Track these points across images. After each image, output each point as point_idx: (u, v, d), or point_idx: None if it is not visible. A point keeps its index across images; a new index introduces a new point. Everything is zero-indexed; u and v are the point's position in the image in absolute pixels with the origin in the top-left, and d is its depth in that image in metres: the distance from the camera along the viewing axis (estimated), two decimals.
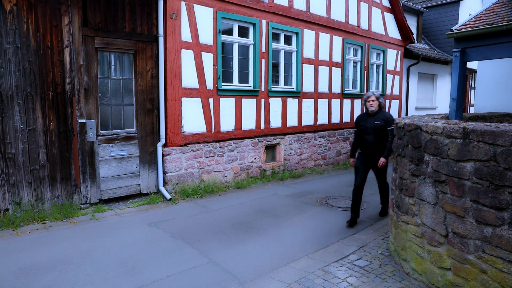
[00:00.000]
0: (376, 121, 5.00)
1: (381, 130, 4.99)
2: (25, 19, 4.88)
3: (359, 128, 5.19)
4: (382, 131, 4.99)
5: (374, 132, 5.00)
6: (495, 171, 2.67)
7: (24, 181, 5.03)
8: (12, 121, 4.88)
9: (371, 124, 5.02)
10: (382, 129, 4.98)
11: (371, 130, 5.01)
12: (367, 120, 5.09)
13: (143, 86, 6.08)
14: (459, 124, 3.02)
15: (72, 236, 4.54)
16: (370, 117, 5.07)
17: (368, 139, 5.06)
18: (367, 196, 6.71)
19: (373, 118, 5.05)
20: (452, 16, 14.60)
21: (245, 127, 7.51)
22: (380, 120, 5.00)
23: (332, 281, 3.48)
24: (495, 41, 5.31)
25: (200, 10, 6.55)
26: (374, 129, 4.99)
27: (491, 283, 2.76)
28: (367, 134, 5.05)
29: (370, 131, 5.02)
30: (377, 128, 4.98)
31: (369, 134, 5.03)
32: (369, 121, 5.07)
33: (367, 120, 5.09)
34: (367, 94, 5.09)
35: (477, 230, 2.83)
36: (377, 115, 5.05)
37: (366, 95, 5.10)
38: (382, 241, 4.51)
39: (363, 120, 5.16)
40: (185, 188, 6.50)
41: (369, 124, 5.05)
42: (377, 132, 4.99)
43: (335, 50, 9.46)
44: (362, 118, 5.20)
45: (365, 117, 5.16)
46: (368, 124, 5.06)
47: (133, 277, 3.54)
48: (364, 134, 5.09)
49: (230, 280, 3.53)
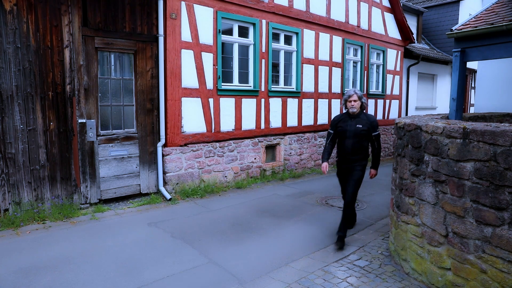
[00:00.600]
0: (358, 124, 4.32)
1: (363, 136, 4.34)
2: (25, 19, 4.88)
3: (336, 130, 4.48)
4: (364, 137, 4.35)
5: (355, 137, 4.34)
6: (495, 171, 2.67)
7: (24, 181, 5.03)
8: (12, 121, 4.88)
9: (352, 128, 4.34)
10: (364, 134, 4.33)
11: (351, 134, 4.35)
12: (347, 122, 4.41)
13: (143, 86, 6.08)
14: (459, 124, 3.02)
15: (72, 236, 4.54)
16: (351, 119, 4.39)
17: (346, 144, 4.38)
18: (367, 196, 6.71)
19: (354, 120, 4.36)
20: (452, 16, 14.60)
21: (245, 127, 7.51)
22: (363, 124, 4.32)
23: (332, 281, 3.48)
24: (495, 41, 5.31)
25: (200, 10, 6.55)
26: (355, 134, 4.33)
27: (491, 283, 2.76)
28: (345, 138, 4.39)
29: (349, 135, 4.36)
30: (358, 133, 4.32)
31: (348, 139, 4.37)
32: (349, 123, 4.38)
33: (347, 122, 4.40)
34: (348, 92, 4.38)
35: (477, 230, 2.83)
36: (360, 117, 4.38)
37: (347, 94, 4.38)
38: (382, 241, 4.51)
39: (342, 121, 4.46)
40: (185, 188, 6.50)
41: (349, 127, 4.36)
42: (358, 137, 4.34)
43: (335, 50, 9.46)
44: (341, 118, 4.50)
45: (344, 118, 4.47)
46: (348, 127, 4.37)
47: (133, 277, 3.54)
48: (342, 138, 4.44)
49: (230, 280, 3.53)
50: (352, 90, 4.34)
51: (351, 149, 4.36)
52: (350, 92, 4.35)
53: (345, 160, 4.45)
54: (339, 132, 4.46)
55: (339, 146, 4.53)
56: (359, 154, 4.38)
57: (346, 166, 4.46)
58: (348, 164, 4.42)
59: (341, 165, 4.54)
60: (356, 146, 4.35)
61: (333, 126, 4.56)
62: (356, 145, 4.35)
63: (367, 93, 10.67)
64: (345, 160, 4.45)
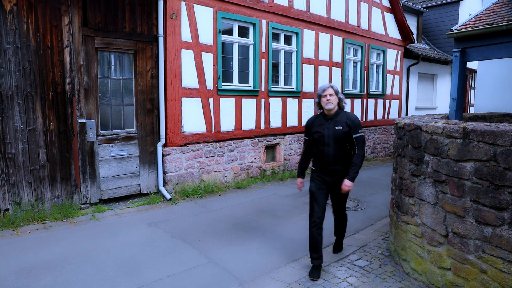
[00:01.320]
0: (337, 126, 3.54)
1: (345, 139, 3.54)
2: (25, 19, 4.88)
3: (312, 136, 3.69)
4: (346, 140, 3.55)
5: (335, 142, 3.54)
6: (495, 171, 2.67)
7: (24, 181, 5.03)
8: (12, 121, 4.88)
9: (331, 131, 3.54)
10: (346, 137, 3.53)
11: (330, 139, 3.54)
12: (323, 124, 3.60)
13: (143, 86, 6.08)
14: (459, 124, 3.02)
15: (72, 236, 4.54)
16: (328, 121, 3.59)
17: (326, 152, 3.56)
18: (367, 196, 6.71)
19: (332, 121, 3.57)
20: (452, 16, 14.60)
21: (245, 127, 7.51)
22: (343, 125, 3.54)
23: (332, 281, 3.48)
24: (495, 41, 5.31)
25: (200, 10, 6.55)
26: (335, 138, 3.53)
27: (491, 283, 2.76)
28: (324, 145, 3.56)
29: (329, 140, 3.54)
30: (339, 136, 3.52)
31: (328, 146, 3.55)
32: (326, 126, 3.57)
33: (324, 125, 3.59)
34: (323, 86, 3.63)
35: (477, 230, 2.83)
36: (338, 117, 3.58)
37: (321, 88, 3.61)
38: (382, 241, 4.51)
39: (318, 124, 3.64)
40: (185, 188, 6.50)
41: (327, 130, 3.56)
42: (339, 142, 3.54)
43: (335, 50, 9.46)
44: (316, 122, 3.68)
45: (320, 120, 3.65)
46: (325, 131, 3.56)
47: (133, 277, 3.54)
48: (320, 145, 3.60)
49: (230, 280, 3.53)
50: (326, 84, 3.65)
51: (333, 158, 3.55)
52: (325, 85, 3.61)
53: (325, 172, 3.63)
54: (316, 139, 3.64)
55: (317, 156, 3.70)
56: (343, 163, 3.59)
57: (326, 179, 3.64)
58: (331, 176, 3.62)
59: (320, 178, 3.67)
60: (338, 155, 3.56)
61: (308, 131, 3.76)
62: (339, 153, 3.55)
63: (367, 93, 10.68)
64: (325, 172, 3.63)
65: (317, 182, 3.70)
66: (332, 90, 3.57)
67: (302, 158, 3.94)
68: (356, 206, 6.07)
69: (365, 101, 10.70)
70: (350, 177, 3.55)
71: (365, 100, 10.67)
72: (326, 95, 3.55)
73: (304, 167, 3.92)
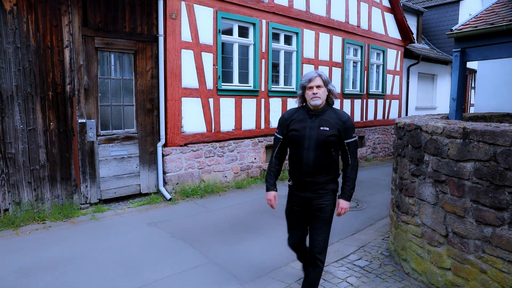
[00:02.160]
0: (323, 127, 2.72)
1: (331, 144, 2.73)
2: (25, 19, 4.88)
3: (288, 135, 2.84)
4: (332, 145, 2.74)
5: (317, 147, 2.71)
6: (495, 171, 2.67)
7: (24, 181, 5.03)
8: (12, 121, 4.88)
9: (314, 132, 2.72)
10: (333, 141, 2.73)
11: (311, 142, 2.72)
12: (305, 122, 2.78)
13: (143, 86, 6.08)
14: (459, 124, 3.02)
15: (72, 236, 4.54)
16: (312, 118, 2.77)
17: (304, 158, 2.74)
18: (367, 196, 6.71)
19: (317, 119, 2.76)
20: (452, 16, 14.60)
21: (245, 127, 7.51)
22: (331, 126, 2.72)
23: (332, 281, 3.48)
24: (495, 41, 5.31)
25: (200, 10, 6.55)
26: (318, 141, 2.71)
27: (491, 283, 2.76)
28: (302, 148, 2.74)
29: (309, 143, 2.72)
30: (323, 139, 2.70)
31: (307, 150, 2.73)
32: (309, 124, 2.76)
33: (306, 122, 2.77)
34: (308, 74, 2.79)
35: (477, 230, 2.83)
36: (325, 115, 2.77)
37: (306, 76, 2.78)
38: (382, 241, 4.51)
39: (298, 120, 2.81)
40: (185, 188, 6.50)
41: (309, 130, 2.74)
42: (322, 146, 2.71)
43: (335, 50, 9.46)
44: (296, 116, 2.84)
45: (302, 115, 2.82)
46: (307, 130, 2.74)
47: (133, 277, 3.54)
48: (298, 149, 2.78)
49: (230, 280, 3.53)
50: (314, 72, 2.78)
51: (313, 166, 2.73)
52: (311, 74, 2.76)
53: (302, 186, 2.81)
54: (292, 139, 2.80)
55: (292, 162, 2.86)
56: (326, 173, 2.78)
57: (303, 196, 2.83)
58: (309, 191, 2.80)
59: (296, 196, 2.89)
60: (320, 162, 2.73)
61: (283, 127, 2.89)
62: (320, 160, 2.73)
63: (367, 93, 10.68)
64: (302, 186, 2.81)
65: (293, 205, 2.91)
66: (321, 80, 2.74)
67: (271, 163, 2.97)
68: (356, 206, 6.08)
69: (365, 101, 10.70)
70: (347, 196, 2.80)
71: (365, 100, 10.67)
72: (312, 86, 2.73)
73: (276, 176, 2.99)
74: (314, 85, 2.74)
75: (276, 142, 2.95)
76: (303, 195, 2.84)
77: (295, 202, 2.92)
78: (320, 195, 2.79)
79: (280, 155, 2.98)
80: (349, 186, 2.83)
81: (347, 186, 2.82)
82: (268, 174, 3.00)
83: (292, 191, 2.95)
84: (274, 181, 2.99)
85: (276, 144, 2.94)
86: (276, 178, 3.00)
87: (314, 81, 2.74)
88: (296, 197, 2.89)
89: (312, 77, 2.75)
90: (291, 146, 2.87)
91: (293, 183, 2.92)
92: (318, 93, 2.73)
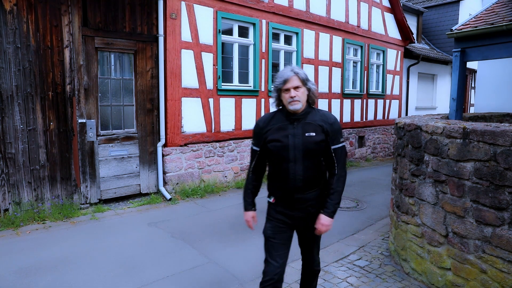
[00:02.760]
0: (308, 132, 2.31)
1: (319, 151, 2.33)
2: (25, 19, 4.88)
3: (267, 147, 2.37)
4: (320, 152, 2.35)
5: (306, 157, 2.30)
6: (495, 171, 2.67)
7: (24, 181, 5.03)
8: (12, 121, 4.88)
9: (298, 139, 2.30)
10: (321, 148, 2.33)
11: (298, 152, 2.30)
12: (286, 129, 2.34)
13: (143, 86, 6.08)
14: (459, 124, 3.02)
15: (72, 236, 4.54)
16: (294, 123, 2.34)
17: (292, 172, 2.31)
18: (367, 196, 6.71)
19: (300, 124, 2.33)
20: (452, 16, 14.60)
21: (245, 127, 7.51)
22: (317, 130, 2.32)
23: (332, 281, 3.48)
24: (495, 41, 5.31)
25: (200, 10, 6.55)
26: (306, 150, 2.30)
27: (491, 283, 2.76)
28: (288, 161, 2.31)
29: (295, 154, 2.30)
30: (310, 146, 2.29)
31: (294, 162, 2.31)
32: (291, 131, 2.32)
33: (287, 129, 2.34)
34: (282, 73, 2.33)
35: (477, 230, 2.83)
36: (308, 117, 2.35)
37: (280, 76, 2.32)
38: (382, 241, 4.51)
39: (278, 129, 2.36)
40: (185, 188, 6.50)
41: (292, 138, 2.31)
42: (311, 156, 2.31)
43: (335, 50, 9.46)
44: (274, 124, 2.38)
45: (281, 122, 2.37)
46: (290, 139, 2.31)
47: (133, 277, 3.54)
48: (281, 162, 2.34)
49: (230, 280, 3.53)
50: (289, 69, 2.31)
51: (302, 181, 2.31)
52: (286, 73, 2.29)
53: (290, 204, 2.39)
54: (272, 151, 2.34)
55: (275, 177, 2.42)
56: (317, 187, 2.38)
57: (292, 214, 2.41)
58: (298, 210, 2.39)
59: (282, 214, 2.44)
60: (310, 175, 2.33)
61: (259, 137, 2.41)
62: (310, 173, 2.32)
63: (367, 93, 10.68)
64: (290, 204, 2.39)
65: (276, 222, 2.46)
66: (298, 80, 2.29)
67: (249, 179, 2.57)
68: (356, 206, 6.08)
69: (365, 101, 10.70)
70: (330, 211, 2.36)
71: (365, 100, 10.67)
72: (288, 88, 2.28)
73: (254, 193, 2.63)
74: (291, 86, 2.28)
75: (253, 155, 2.51)
76: (292, 214, 2.42)
77: (277, 221, 2.47)
78: (311, 214, 2.41)
79: (258, 170, 2.55)
80: (334, 200, 2.37)
81: (331, 200, 2.37)
82: (245, 192, 2.63)
83: (274, 208, 2.49)
84: (252, 199, 2.65)
85: (253, 158, 2.50)
86: (254, 196, 2.65)
87: (291, 81, 2.28)
88: (281, 215, 2.46)
89: (288, 77, 2.29)
90: (272, 159, 2.41)
91: (276, 201, 2.47)
92: (297, 96, 2.27)
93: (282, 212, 2.46)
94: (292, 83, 2.29)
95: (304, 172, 2.32)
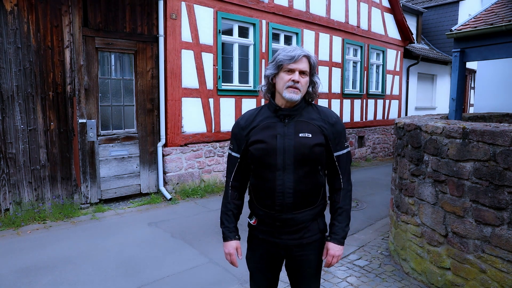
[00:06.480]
0: (302, 132, 1.76)
1: (318, 159, 1.79)
2: (26, 19, 4.89)
3: (249, 151, 1.82)
4: (318, 159, 1.79)
5: (298, 164, 1.75)
6: (495, 171, 2.68)
7: (25, 181, 5.03)
8: (13, 121, 4.89)
9: (290, 140, 1.75)
10: (319, 154, 1.78)
11: (288, 157, 1.74)
12: (274, 126, 1.79)
13: (143, 86, 6.09)
14: (458, 124, 3.03)
15: (72, 236, 4.55)
16: (284, 120, 1.79)
17: (280, 184, 1.75)
18: (367, 196, 6.72)
19: (292, 122, 1.79)
20: (452, 16, 14.61)
21: None
22: (312, 131, 1.78)
23: (332, 280, 3.49)
24: (495, 42, 5.32)
25: (200, 10, 6.56)
26: (298, 155, 1.74)
27: (491, 283, 2.77)
28: (275, 169, 1.75)
29: (284, 160, 1.74)
30: (305, 151, 1.74)
31: (282, 171, 1.75)
32: (279, 130, 1.78)
33: (275, 127, 1.79)
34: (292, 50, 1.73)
35: (477, 230, 2.84)
36: (303, 115, 1.82)
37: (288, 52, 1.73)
38: (382, 241, 4.52)
39: (263, 127, 1.81)
40: (185, 188, 6.51)
41: (281, 139, 1.76)
42: (306, 162, 1.76)
43: (335, 50, 9.47)
44: (259, 120, 1.84)
45: (267, 118, 1.83)
46: (279, 141, 1.75)
47: (133, 277, 3.55)
48: (267, 170, 1.77)
49: (231, 279, 3.54)
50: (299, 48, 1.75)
51: (294, 196, 1.76)
52: (296, 50, 1.73)
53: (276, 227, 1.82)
54: (255, 155, 1.79)
55: (258, 190, 1.85)
56: (313, 205, 1.84)
57: (277, 242, 1.85)
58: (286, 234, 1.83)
59: (265, 243, 1.88)
60: (303, 189, 1.78)
61: (239, 139, 1.87)
62: (304, 186, 1.77)
63: (367, 93, 10.69)
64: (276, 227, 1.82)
65: (259, 253, 1.92)
66: (307, 65, 1.76)
67: (227, 196, 1.94)
68: (356, 206, 6.09)
69: (365, 101, 10.71)
70: (340, 237, 1.85)
71: (365, 100, 10.69)
72: (293, 69, 1.73)
73: (236, 215, 1.95)
74: (297, 68, 1.73)
75: (231, 165, 1.91)
76: (276, 242, 1.83)
77: (260, 251, 1.90)
78: (304, 240, 1.83)
79: (239, 183, 1.93)
80: (343, 222, 1.85)
81: (339, 223, 1.85)
82: (223, 214, 1.93)
83: (257, 235, 1.89)
84: (235, 224, 1.92)
85: (232, 168, 1.90)
86: (236, 219, 1.95)
87: (299, 62, 1.73)
88: (264, 244, 1.87)
89: (297, 55, 1.72)
90: (256, 167, 1.82)
91: (258, 223, 1.87)
92: (301, 83, 1.73)
93: (265, 241, 1.85)
94: (300, 65, 1.73)
95: (296, 184, 1.74)
